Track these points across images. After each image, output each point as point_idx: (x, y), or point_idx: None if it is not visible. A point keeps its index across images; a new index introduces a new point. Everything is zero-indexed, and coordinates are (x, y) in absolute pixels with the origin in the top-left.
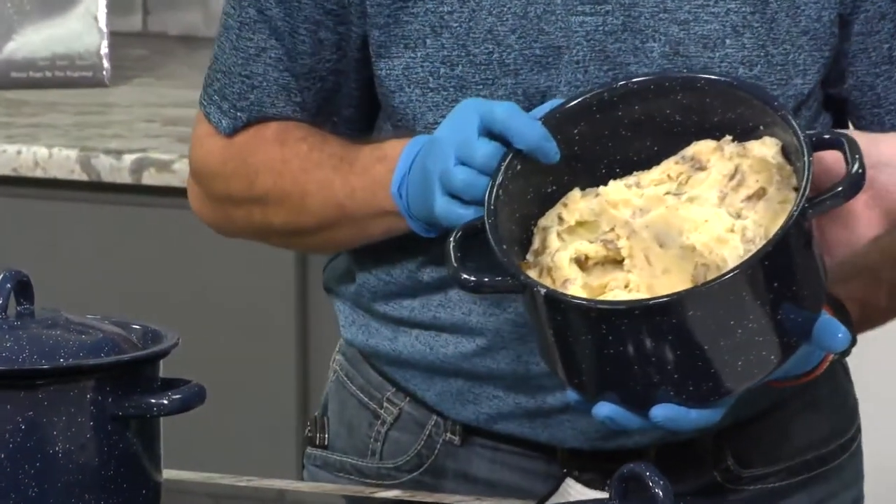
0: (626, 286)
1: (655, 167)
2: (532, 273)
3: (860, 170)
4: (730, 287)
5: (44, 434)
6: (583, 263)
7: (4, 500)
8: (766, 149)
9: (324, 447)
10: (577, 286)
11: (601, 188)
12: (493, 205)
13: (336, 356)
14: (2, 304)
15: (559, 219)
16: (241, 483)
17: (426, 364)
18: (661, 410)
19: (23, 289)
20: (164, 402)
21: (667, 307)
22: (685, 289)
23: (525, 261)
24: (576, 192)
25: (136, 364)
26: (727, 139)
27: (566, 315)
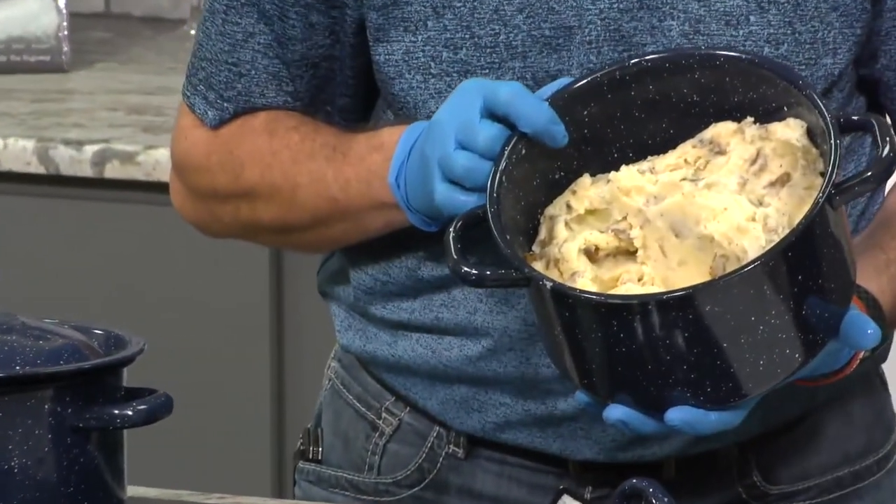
0: (640, 279)
1: (671, 151)
2: (538, 265)
3: (892, 153)
4: (750, 280)
5: None
6: (593, 255)
7: None
8: (791, 131)
9: (317, 461)
10: (587, 279)
11: (612, 174)
12: (497, 192)
13: (331, 363)
14: None
15: (567, 207)
16: (212, 501)
17: (428, 369)
18: (678, 413)
19: None
20: (129, 413)
21: (683, 302)
22: (702, 282)
23: (531, 252)
24: (585, 179)
25: (98, 372)
26: (748, 121)
27: (574, 310)
